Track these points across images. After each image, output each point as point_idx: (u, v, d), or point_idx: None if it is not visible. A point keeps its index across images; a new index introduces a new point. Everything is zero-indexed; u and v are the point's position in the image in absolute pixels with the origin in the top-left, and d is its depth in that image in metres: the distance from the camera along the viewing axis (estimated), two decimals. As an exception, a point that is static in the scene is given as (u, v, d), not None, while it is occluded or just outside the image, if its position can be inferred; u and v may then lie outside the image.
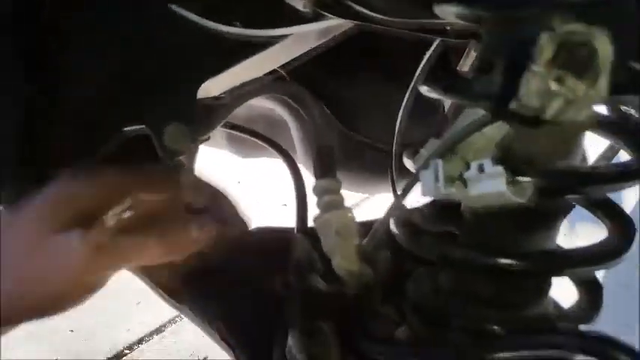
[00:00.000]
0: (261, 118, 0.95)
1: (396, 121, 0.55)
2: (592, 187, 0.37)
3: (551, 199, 0.38)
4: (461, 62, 0.54)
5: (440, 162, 0.35)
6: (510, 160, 0.35)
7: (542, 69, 0.30)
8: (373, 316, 0.47)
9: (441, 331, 0.41)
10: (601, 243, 0.40)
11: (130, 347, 1.86)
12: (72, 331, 1.90)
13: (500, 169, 0.33)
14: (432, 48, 0.47)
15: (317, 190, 0.40)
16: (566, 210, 0.40)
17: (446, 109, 0.81)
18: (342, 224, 0.39)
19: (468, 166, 0.35)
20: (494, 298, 0.41)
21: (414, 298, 0.45)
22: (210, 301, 0.62)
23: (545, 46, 0.30)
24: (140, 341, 1.88)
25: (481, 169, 0.34)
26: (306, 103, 0.44)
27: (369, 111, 0.83)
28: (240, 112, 0.96)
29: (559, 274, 0.40)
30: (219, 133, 1.03)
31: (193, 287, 0.63)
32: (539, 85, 0.30)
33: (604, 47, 0.29)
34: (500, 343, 0.36)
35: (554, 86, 0.30)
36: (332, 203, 0.39)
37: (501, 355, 0.37)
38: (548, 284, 0.42)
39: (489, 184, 0.34)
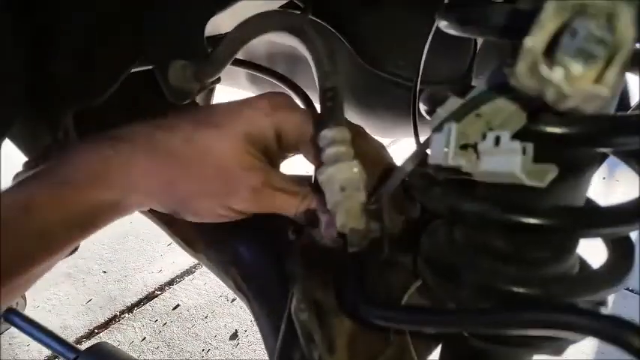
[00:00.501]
0: (282, 56, 0.91)
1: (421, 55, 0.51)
2: (622, 138, 0.31)
3: (576, 150, 0.33)
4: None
5: (454, 127, 0.30)
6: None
7: (536, 47, 0.24)
8: (389, 267, 0.44)
9: (452, 286, 0.38)
10: (631, 201, 0.35)
11: (162, 288, 1.90)
12: (105, 272, 1.95)
13: (517, 145, 0.29)
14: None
15: (322, 141, 0.36)
16: (594, 162, 0.36)
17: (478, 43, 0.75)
18: (347, 179, 0.35)
19: (484, 136, 0.31)
20: (510, 254, 0.37)
21: (428, 251, 0.42)
22: (224, 250, 0.60)
23: (548, 19, 0.24)
24: (171, 282, 1.92)
25: (497, 141, 0.30)
26: (308, 36, 0.39)
27: (395, 45, 0.78)
28: (259, 50, 0.92)
29: (583, 234, 0.35)
30: (240, 73, 0.99)
31: (209, 236, 0.62)
32: (530, 66, 0.25)
33: (625, 27, 0.23)
34: (500, 317, 0.32)
35: (545, 72, 0.24)
36: (337, 155, 0.35)
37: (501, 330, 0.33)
38: (573, 242, 0.39)
39: (503, 161, 0.29)
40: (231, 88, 0.98)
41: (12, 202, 0.39)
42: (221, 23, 0.55)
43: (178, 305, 1.83)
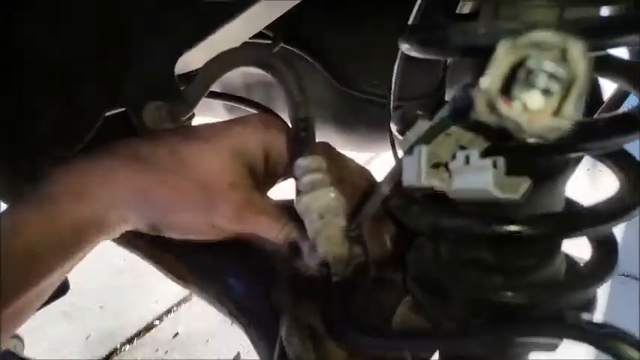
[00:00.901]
0: (259, 84, 0.91)
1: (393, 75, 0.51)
2: (591, 144, 0.32)
3: (548, 158, 0.34)
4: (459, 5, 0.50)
5: (424, 149, 0.31)
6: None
7: (491, 87, 0.25)
8: (379, 286, 0.45)
9: (441, 302, 0.39)
10: (610, 199, 0.36)
11: (160, 318, 1.89)
12: (102, 307, 1.94)
13: (488, 162, 0.29)
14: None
15: (297, 170, 0.36)
16: (568, 167, 0.36)
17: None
18: (324, 206, 0.35)
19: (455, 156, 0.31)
20: (495, 265, 0.38)
21: (415, 267, 0.42)
22: (214, 282, 0.60)
23: (502, 57, 0.24)
24: (169, 311, 1.91)
25: (467, 160, 0.30)
26: (277, 69, 0.40)
27: (367, 65, 0.79)
28: (235, 81, 0.93)
29: (563, 237, 0.36)
30: (217, 103, 1.00)
31: (197, 269, 0.62)
32: (488, 104, 0.26)
33: (578, 61, 0.23)
34: (485, 337, 0.33)
35: (503, 110, 0.25)
36: (313, 183, 0.36)
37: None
38: (556, 246, 0.39)
39: (475, 179, 0.30)
40: (209, 119, 0.99)
41: (1, 228, 0.39)
42: (192, 60, 0.56)
43: (178, 333, 1.82)
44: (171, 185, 0.42)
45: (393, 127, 0.40)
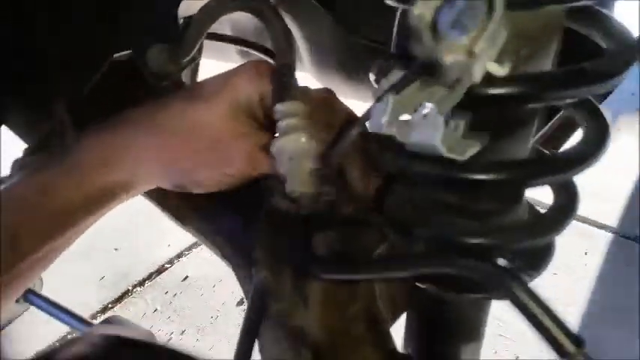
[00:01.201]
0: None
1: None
2: (552, 93, 0.34)
3: (512, 108, 0.36)
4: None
5: (391, 99, 0.33)
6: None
7: (421, 13, 0.26)
8: (360, 227, 0.48)
9: (409, 242, 0.42)
10: (571, 148, 0.39)
11: (171, 261, 1.96)
12: (116, 249, 2.01)
13: (440, 120, 0.31)
14: None
15: (276, 114, 0.39)
16: (533, 117, 0.38)
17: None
18: (295, 149, 0.38)
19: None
20: (459, 207, 0.41)
21: (390, 210, 0.45)
22: (211, 221, 0.64)
23: None
24: (180, 255, 1.98)
25: (425, 115, 0.32)
26: (266, 16, 0.42)
27: (374, 13, 0.79)
28: (248, 25, 0.94)
29: (523, 184, 0.38)
30: (231, 48, 1.02)
31: (197, 210, 0.65)
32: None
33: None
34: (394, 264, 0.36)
35: (427, 40, 0.27)
36: (288, 127, 0.38)
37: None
38: (519, 192, 0.42)
39: (426, 136, 0.31)
40: (225, 64, 1.01)
41: (27, 186, 0.44)
42: (192, 4, 0.58)
43: (187, 277, 1.89)
44: (189, 149, 0.47)
45: (371, 76, 0.42)
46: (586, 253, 1.84)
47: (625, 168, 2.21)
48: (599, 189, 2.15)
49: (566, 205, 0.43)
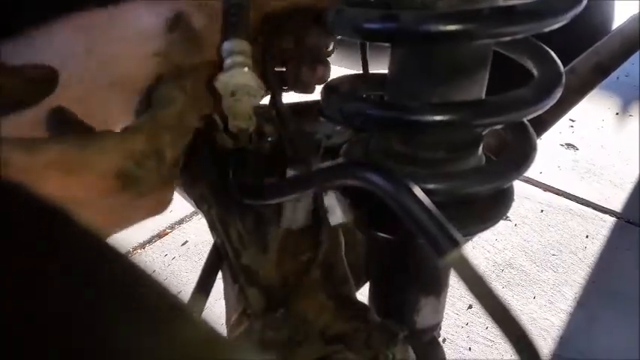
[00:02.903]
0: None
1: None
2: (495, 29, 0.33)
3: (452, 45, 0.36)
4: None
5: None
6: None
7: None
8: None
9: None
10: (521, 90, 0.38)
11: (172, 226, 1.98)
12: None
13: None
14: None
15: (223, 53, 0.39)
16: (480, 56, 0.38)
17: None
18: (236, 84, 0.38)
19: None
20: (411, 154, 0.41)
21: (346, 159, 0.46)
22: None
23: None
24: (181, 221, 2.00)
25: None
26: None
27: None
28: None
29: (471, 125, 0.38)
30: None
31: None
32: None
33: None
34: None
35: None
36: (232, 64, 0.39)
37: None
38: (471, 138, 0.41)
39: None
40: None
41: None
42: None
43: (187, 241, 1.91)
44: None
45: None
46: (587, 237, 1.82)
47: (636, 154, 2.18)
48: (609, 175, 2.13)
49: (519, 153, 0.42)
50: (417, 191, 0.27)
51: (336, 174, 0.33)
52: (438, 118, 0.36)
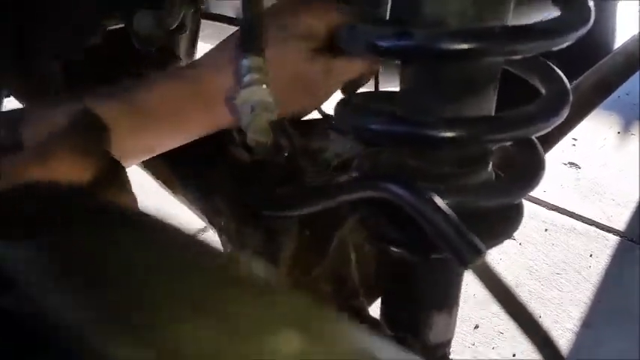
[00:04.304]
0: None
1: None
2: (507, 47, 0.34)
3: (464, 62, 0.37)
4: None
5: None
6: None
7: None
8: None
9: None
10: (531, 107, 0.39)
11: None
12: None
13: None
14: None
15: (242, 69, 0.40)
16: (491, 73, 0.39)
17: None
18: (255, 101, 0.39)
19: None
20: (422, 169, 0.41)
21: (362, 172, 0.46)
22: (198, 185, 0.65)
23: None
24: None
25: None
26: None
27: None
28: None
29: (481, 142, 0.39)
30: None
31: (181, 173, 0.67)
32: None
33: None
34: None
35: None
36: (250, 81, 0.40)
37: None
38: (481, 153, 0.42)
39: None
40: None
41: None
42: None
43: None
44: None
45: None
46: (591, 255, 1.82)
47: (638, 173, 2.18)
48: (612, 193, 2.14)
49: (528, 169, 0.43)
50: (439, 202, 0.28)
51: (359, 186, 0.34)
52: (453, 133, 0.37)
